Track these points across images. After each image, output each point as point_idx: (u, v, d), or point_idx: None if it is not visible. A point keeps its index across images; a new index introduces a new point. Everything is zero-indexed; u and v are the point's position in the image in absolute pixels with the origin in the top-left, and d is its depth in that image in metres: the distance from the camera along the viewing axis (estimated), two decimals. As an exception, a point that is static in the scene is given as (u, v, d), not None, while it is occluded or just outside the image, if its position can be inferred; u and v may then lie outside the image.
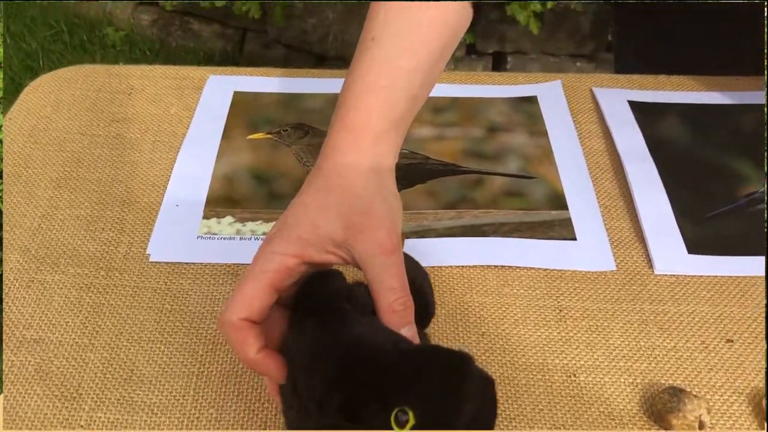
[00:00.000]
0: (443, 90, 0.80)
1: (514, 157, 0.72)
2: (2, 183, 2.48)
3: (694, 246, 0.63)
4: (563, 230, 0.64)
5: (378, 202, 0.44)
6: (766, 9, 0.65)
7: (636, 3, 0.87)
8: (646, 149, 0.72)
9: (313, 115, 0.76)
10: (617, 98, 0.78)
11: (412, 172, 0.70)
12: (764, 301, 0.59)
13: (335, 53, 2.34)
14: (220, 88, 0.80)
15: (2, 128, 2.14)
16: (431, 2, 0.50)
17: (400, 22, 0.49)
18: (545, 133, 0.74)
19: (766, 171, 0.69)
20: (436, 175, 0.70)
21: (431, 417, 0.36)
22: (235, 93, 0.79)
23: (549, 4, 2.02)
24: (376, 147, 0.46)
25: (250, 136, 0.74)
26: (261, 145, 0.73)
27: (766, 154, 0.70)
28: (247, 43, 2.46)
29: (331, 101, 0.78)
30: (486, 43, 2.30)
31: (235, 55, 2.41)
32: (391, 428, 0.35)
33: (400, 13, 0.50)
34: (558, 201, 0.67)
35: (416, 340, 0.42)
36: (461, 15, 0.53)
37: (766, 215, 0.65)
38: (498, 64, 2.37)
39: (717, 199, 0.67)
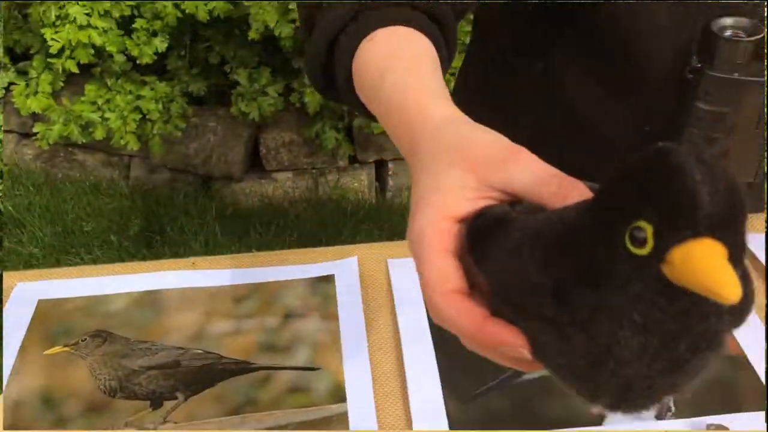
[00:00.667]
0: (245, 276, 0.84)
1: (303, 348, 0.76)
2: (2, 183, 2.37)
3: (459, 425, 0.67)
4: (340, 425, 0.68)
5: (480, 133, 0.44)
6: (766, 9, 0.68)
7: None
8: (427, 327, 0.77)
9: (114, 320, 0.79)
10: (409, 269, 0.84)
11: (204, 375, 0.73)
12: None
13: (220, 173, 2.39)
14: (23, 298, 0.82)
15: (2, 128, 2.07)
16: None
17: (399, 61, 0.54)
18: (336, 317, 0.79)
19: (766, 175, 0.75)
20: (227, 376, 0.73)
21: (667, 225, 0.30)
22: (40, 302, 0.81)
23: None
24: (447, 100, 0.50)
25: (47, 352, 0.75)
26: (56, 361, 0.75)
27: (766, 154, 0.75)
28: (133, 170, 2.48)
29: (136, 300, 0.81)
30: (366, 154, 2.39)
31: (120, 183, 2.43)
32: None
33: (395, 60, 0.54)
34: (338, 393, 0.71)
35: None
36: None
37: (766, 214, 0.71)
38: (380, 171, 2.46)
39: (487, 375, 0.72)
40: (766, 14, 0.75)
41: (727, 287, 0.28)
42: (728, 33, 0.66)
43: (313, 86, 0.64)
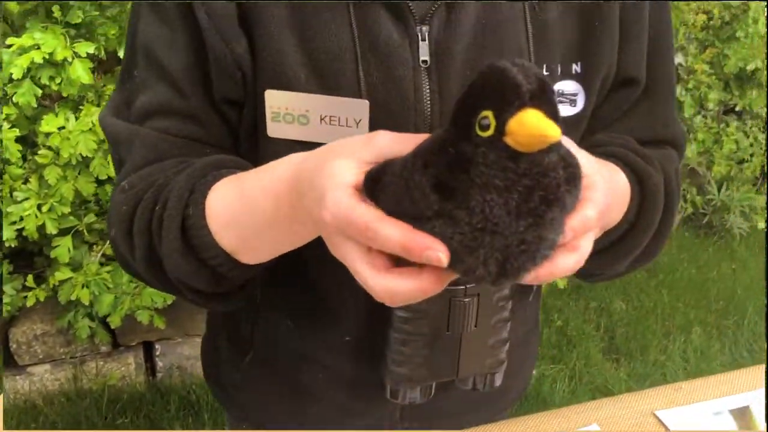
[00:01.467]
0: None
1: None
2: (2, 183, 1.87)
3: None
4: None
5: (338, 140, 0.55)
6: (766, 9, 0.68)
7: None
8: None
9: None
10: None
11: None
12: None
13: (-37, 375, 2.17)
14: None
15: (2, 128, 1.65)
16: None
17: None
18: None
19: (766, 176, 0.71)
20: None
21: (501, 106, 0.42)
22: None
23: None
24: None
25: None
26: None
27: (766, 156, 0.72)
28: None
29: None
30: (128, 338, 2.29)
31: None
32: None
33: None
34: None
35: None
36: None
37: (767, 214, 0.67)
38: (148, 352, 2.36)
39: None
40: (766, 14, 0.82)
41: (549, 129, 0.41)
42: None
43: (179, 277, 0.65)
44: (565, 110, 0.72)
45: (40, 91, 1.69)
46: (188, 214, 0.63)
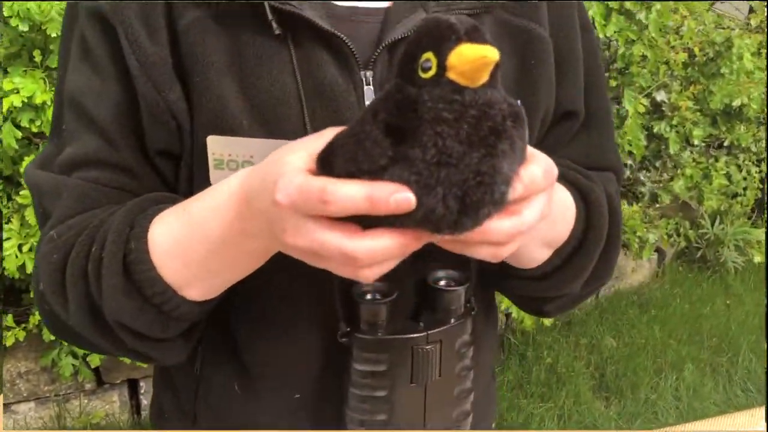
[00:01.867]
0: None
1: None
2: (2, 183, 1.87)
3: None
4: None
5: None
6: (766, 9, 0.67)
7: None
8: None
9: None
10: None
11: None
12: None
13: (-53, 414, 2.18)
14: None
15: (2, 128, 1.66)
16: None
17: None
18: None
19: (767, 173, 0.71)
20: None
21: (439, 46, 0.45)
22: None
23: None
24: None
25: None
26: None
27: (766, 154, 0.71)
28: None
29: None
30: (113, 375, 2.29)
31: None
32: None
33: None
34: None
35: None
36: None
37: (766, 214, 0.66)
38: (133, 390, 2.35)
39: None
40: (766, 14, 0.82)
41: (488, 51, 0.44)
42: (368, 296, 0.67)
43: (120, 320, 0.62)
44: None
45: (20, 134, 1.72)
46: (129, 249, 0.60)
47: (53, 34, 1.59)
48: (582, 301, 0.80)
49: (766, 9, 0.85)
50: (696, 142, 2.50)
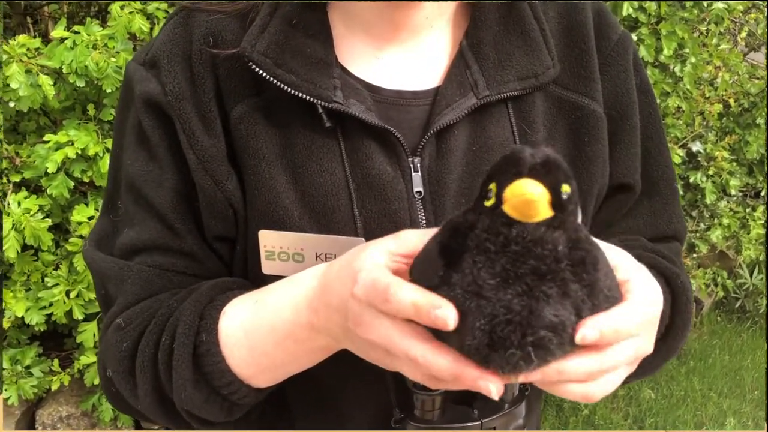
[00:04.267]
0: None
1: None
2: (2, 181, 1.91)
3: None
4: None
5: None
6: (766, 10, 0.67)
7: None
8: None
9: None
10: None
11: None
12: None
13: (-11, 457, 2.21)
14: None
15: (2, 128, 1.70)
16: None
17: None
18: None
19: (767, 173, 0.69)
20: None
21: (501, 177, 0.45)
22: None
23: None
24: None
25: None
26: None
27: (766, 167, 0.70)
28: None
29: None
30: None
31: None
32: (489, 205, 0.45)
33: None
34: None
35: None
36: None
37: (765, 215, 0.64)
38: (167, 436, 2.36)
39: None
40: (766, 14, 0.80)
41: (531, 189, 0.43)
42: (422, 386, 0.66)
43: (190, 409, 0.63)
44: None
45: (72, 184, 1.78)
46: (200, 341, 0.61)
47: (108, 90, 1.66)
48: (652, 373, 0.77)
49: (766, 10, 0.83)
50: (733, 192, 2.50)
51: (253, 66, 0.63)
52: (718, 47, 2.34)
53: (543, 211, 0.43)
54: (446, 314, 0.44)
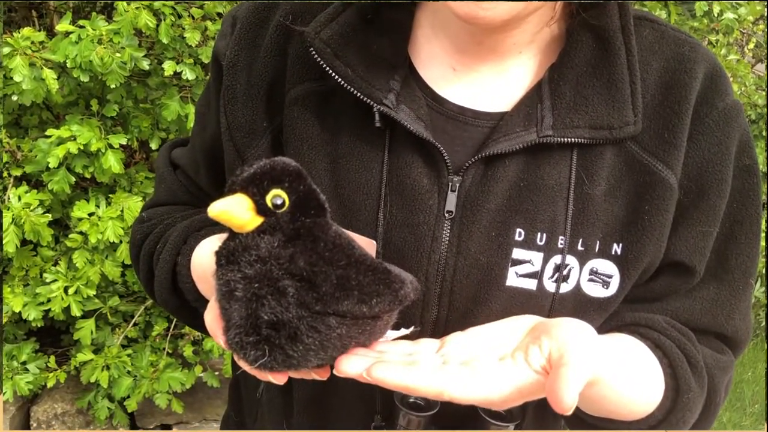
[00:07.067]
0: None
1: None
2: (2, 180, 1.90)
3: None
4: None
5: None
6: (766, 10, 0.64)
7: None
8: None
9: None
10: None
11: None
12: None
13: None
14: None
15: (2, 128, 1.68)
16: None
17: None
18: None
19: (767, 190, 0.67)
20: None
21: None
22: None
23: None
24: None
25: None
26: None
27: (766, 163, 0.67)
28: None
29: None
30: (147, 420, 2.29)
31: None
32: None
33: None
34: None
35: None
36: None
37: (765, 215, 0.63)
38: (162, 436, 2.34)
39: None
40: (766, 14, 0.77)
41: (234, 216, 0.48)
42: (410, 402, 0.65)
43: (165, 308, 0.77)
44: (596, 291, 0.66)
45: (73, 179, 1.77)
46: (178, 261, 0.72)
47: (112, 85, 1.65)
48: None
49: (766, 10, 0.81)
50: None
51: (313, 52, 0.64)
52: (727, 58, 2.33)
53: (248, 221, 0.49)
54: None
